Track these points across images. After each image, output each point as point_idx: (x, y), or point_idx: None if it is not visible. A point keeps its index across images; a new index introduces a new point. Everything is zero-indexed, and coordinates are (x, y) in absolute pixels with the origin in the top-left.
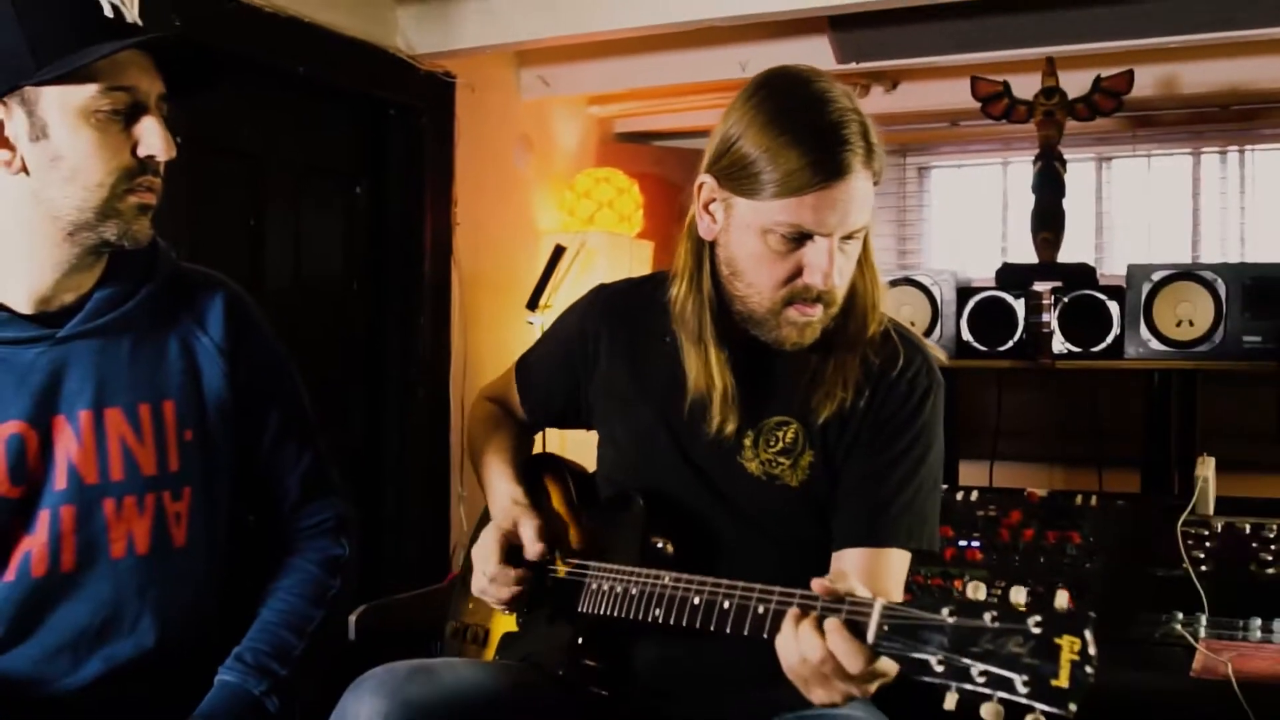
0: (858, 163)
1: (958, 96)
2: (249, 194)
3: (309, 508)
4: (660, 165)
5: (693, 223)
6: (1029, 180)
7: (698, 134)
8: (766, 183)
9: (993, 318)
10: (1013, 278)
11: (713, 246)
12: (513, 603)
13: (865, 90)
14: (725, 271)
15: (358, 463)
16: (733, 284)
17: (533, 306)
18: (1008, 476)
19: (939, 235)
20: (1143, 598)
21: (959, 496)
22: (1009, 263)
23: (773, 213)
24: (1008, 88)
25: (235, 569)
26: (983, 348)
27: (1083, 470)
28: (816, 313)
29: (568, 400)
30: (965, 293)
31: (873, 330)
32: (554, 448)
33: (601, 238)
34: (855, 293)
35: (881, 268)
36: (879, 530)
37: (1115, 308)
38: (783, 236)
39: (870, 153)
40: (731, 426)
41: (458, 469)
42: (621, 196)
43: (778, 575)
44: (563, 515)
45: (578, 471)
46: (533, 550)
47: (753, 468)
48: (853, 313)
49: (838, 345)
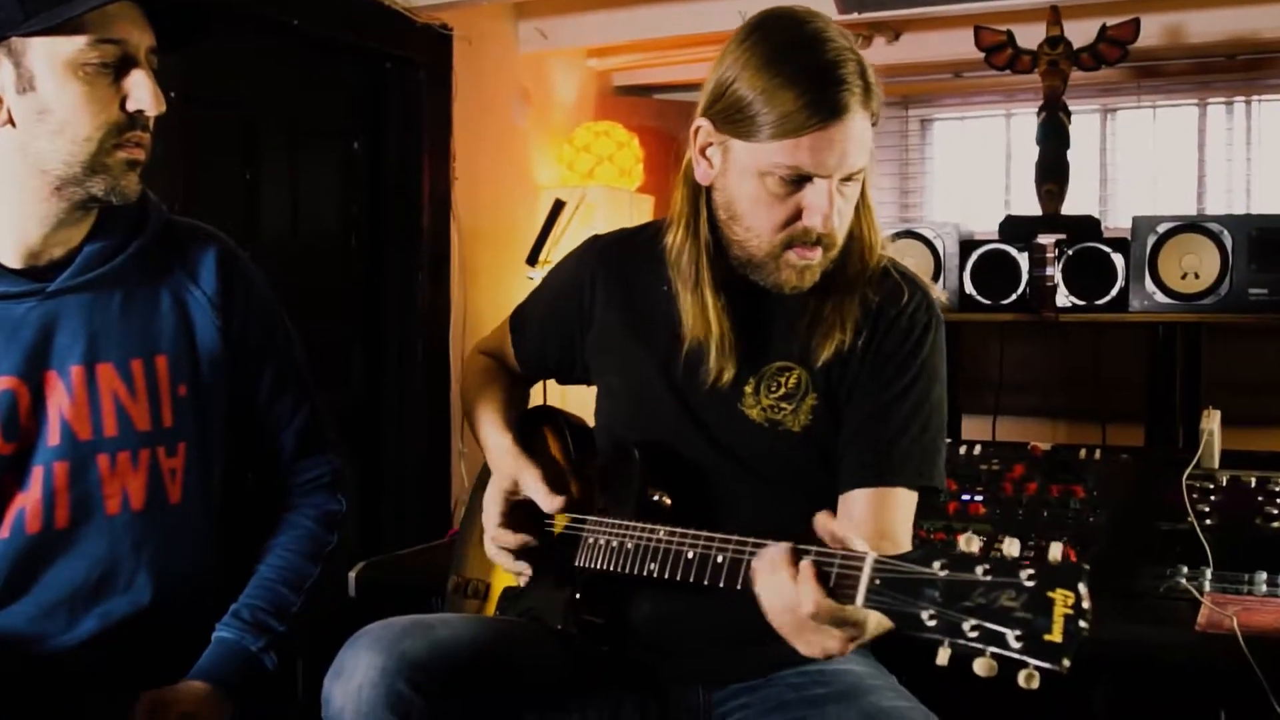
0: (855, 102)
1: (961, 47)
2: (245, 148)
3: (305, 463)
4: (660, 118)
5: (689, 168)
6: (1033, 132)
7: (698, 86)
8: (764, 124)
9: (996, 271)
10: (1016, 230)
11: (709, 191)
12: (519, 563)
13: (868, 41)
14: (723, 216)
15: (357, 419)
16: (731, 228)
17: (533, 262)
18: (1011, 431)
19: (942, 188)
20: (1147, 552)
21: (962, 450)
22: (1012, 215)
23: (770, 155)
24: (1011, 37)
25: (232, 525)
26: (985, 301)
27: (1086, 424)
28: (816, 256)
29: (562, 353)
30: (968, 245)
31: (871, 271)
32: (555, 402)
33: (601, 192)
34: (853, 237)
35: (883, 220)
36: (885, 470)
37: (1120, 260)
38: (781, 179)
39: (868, 92)
40: (729, 374)
41: (458, 424)
42: (621, 150)
43: (781, 523)
44: (561, 469)
45: (576, 424)
46: (550, 504)
47: (754, 415)
48: (850, 256)
49: (836, 287)
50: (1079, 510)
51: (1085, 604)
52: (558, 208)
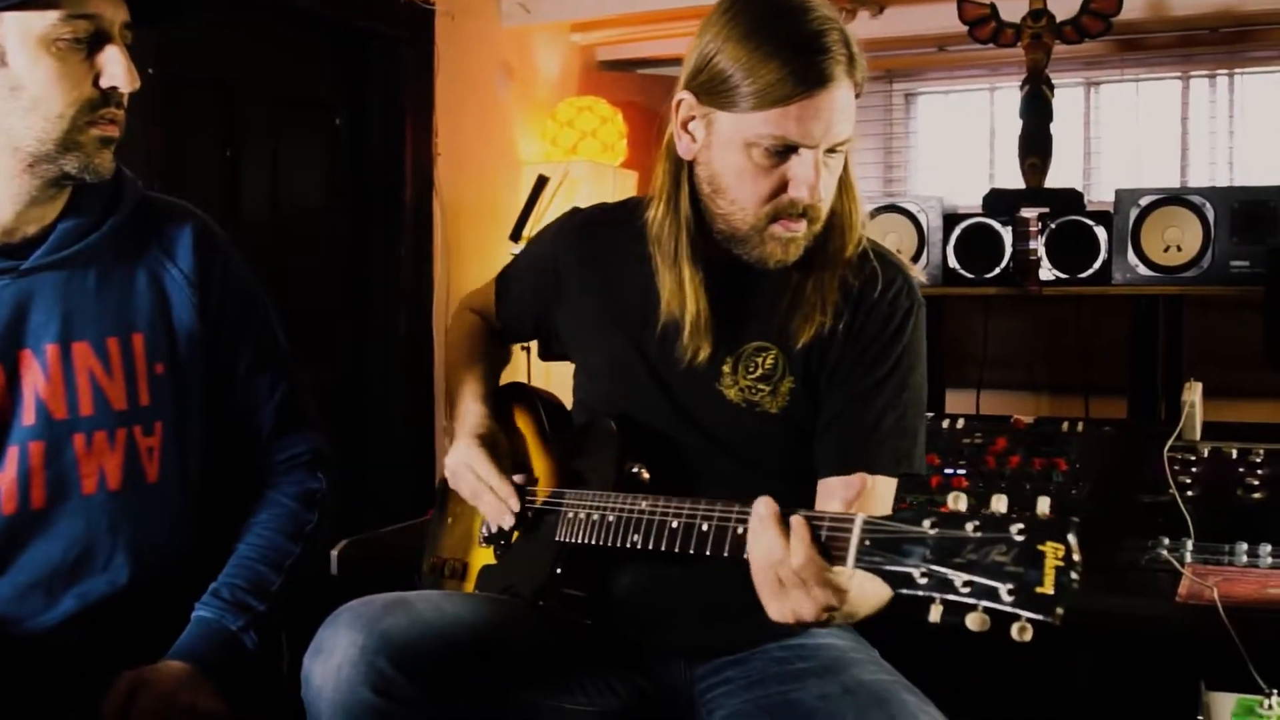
0: (840, 71)
1: (945, 21)
2: (225, 124)
3: (285, 441)
4: (644, 93)
5: (670, 142)
6: (1016, 105)
7: (682, 61)
8: (748, 94)
9: (979, 244)
10: (1000, 204)
11: (691, 166)
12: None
13: (852, 15)
14: (706, 190)
15: (340, 395)
16: (714, 201)
17: (516, 238)
18: (994, 404)
19: (926, 162)
20: (1129, 523)
21: (945, 424)
22: (996, 188)
23: (756, 125)
24: (995, 10)
25: (211, 504)
26: (969, 275)
27: (1070, 397)
28: (801, 228)
29: (538, 323)
30: (952, 219)
31: (851, 251)
32: (539, 381)
33: (585, 167)
34: (835, 213)
35: (868, 194)
36: (865, 457)
37: (1103, 233)
38: (766, 150)
39: (852, 61)
40: (704, 354)
41: (441, 401)
42: (605, 125)
43: None
44: (536, 444)
45: (549, 400)
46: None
47: (732, 395)
48: (832, 232)
49: (817, 266)
50: (1061, 483)
51: (1075, 556)
52: (541, 183)
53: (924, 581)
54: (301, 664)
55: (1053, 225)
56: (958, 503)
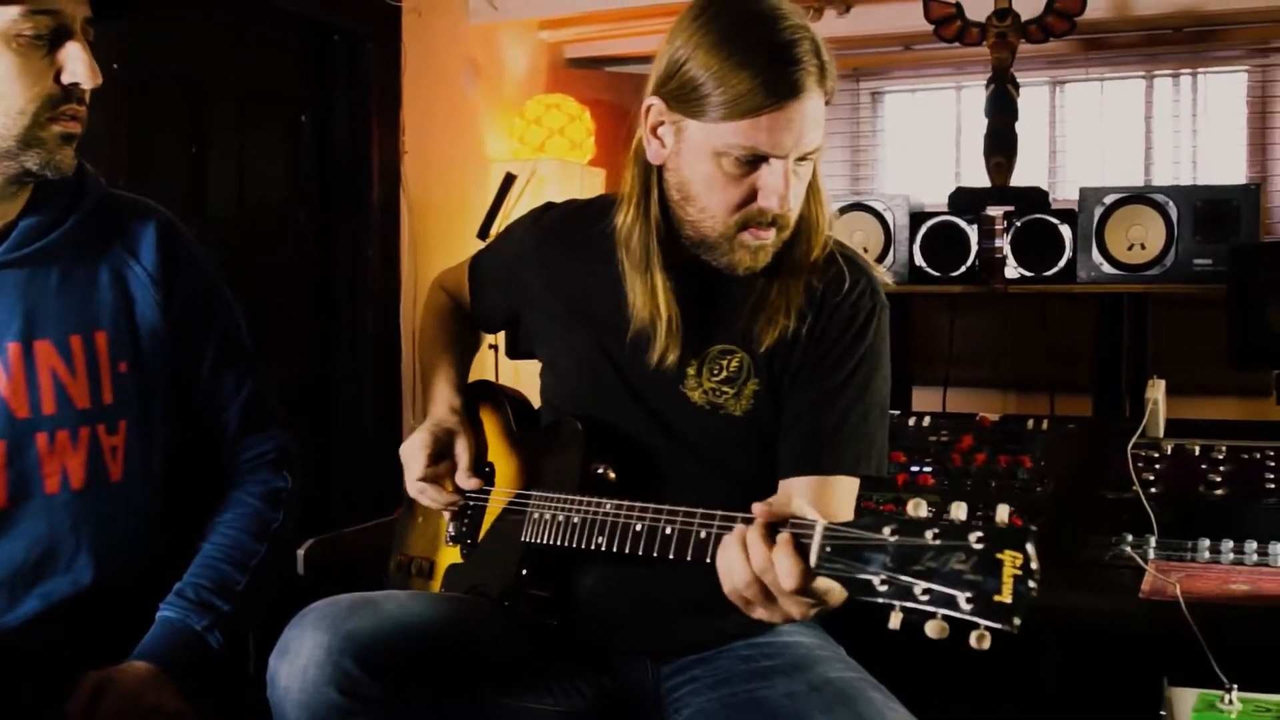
0: (811, 81)
1: (911, 19)
2: (190, 120)
3: (250, 439)
4: (612, 91)
5: (639, 147)
6: (982, 104)
7: (651, 59)
8: (719, 104)
9: (945, 242)
10: (965, 202)
11: (660, 171)
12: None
13: (819, 14)
14: (675, 196)
15: (307, 393)
16: (684, 208)
17: (484, 236)
18: (961, 402)
19: (893, 160)
20: (1093, 520)
21: (911, 422)
22: (962, 187)
23: (725, 135)
24: (960, 9)
25: (175, 503)
26: (935, 273)
27: (1036, 394)
28: (770, 236)
29: (509, 314)
30: (918, 217)
31: (817, 255)
32: (507, 379)
33: (553, 165)
34: (802, 217)
35: (835, 192)
36: (826, 457)
37: (1067, 231)
38: (736, 159)
39: (823, 71)
40: (673, 357)
41: (409, 398)
42: (573, 123)
43: (723, 505)
44: (502, 443)
45: (515, 399)
46: (467, 482)
47: (696, 397)
48: (799, 237)
49: (783, 270)
50: (1026, 480)
51: (1034, 564)
52: (508, 181)
53: (884, 589)
54: (267, 664)
55: (1018, 223)
56: (918, 509)
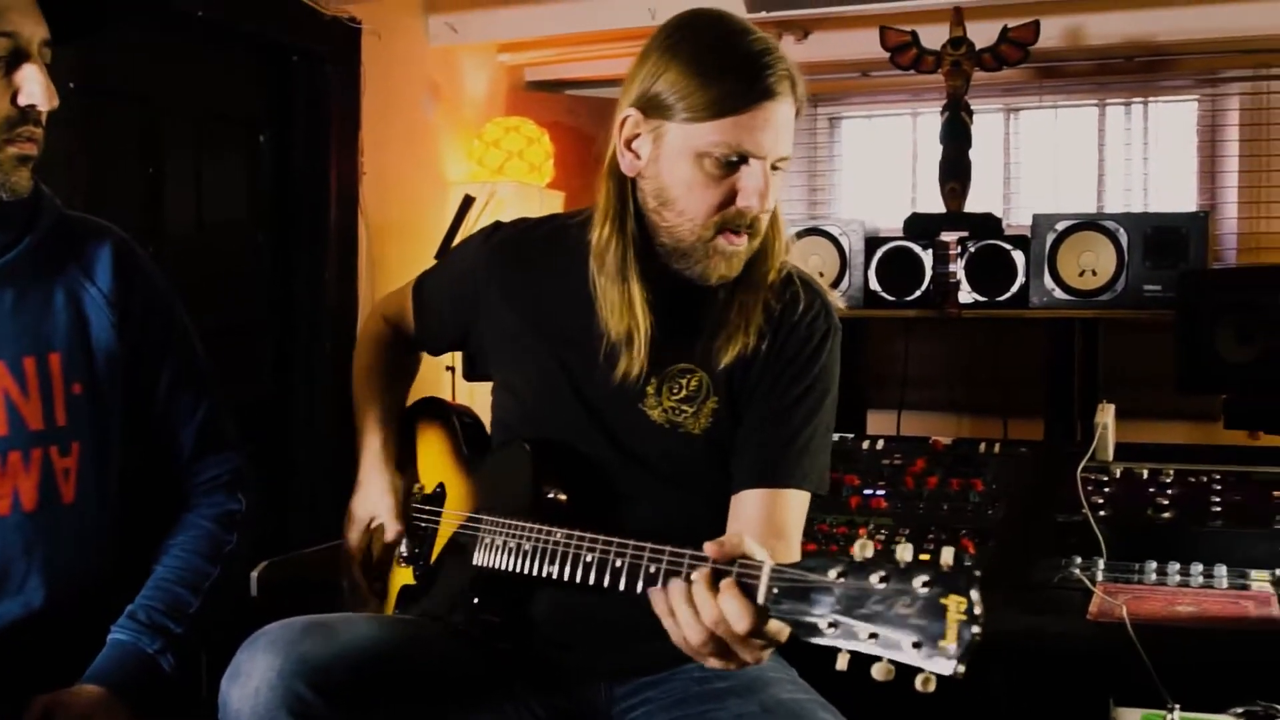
0: (786, 87)
1: (868, 47)
2: (147, 141)
3: (204, 462)
4: (571, 114)
5: (614, 161)
6: (938, 131)
7: (609, 83)
8: (701, 104)
9: (900, 267)
10: (920, 227)
11: (635, 183)
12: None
13: (776, 40)
14: (652, 204)
15: (264, 415)
16: (661, 215)
17: (441, 257)
18: (916, 425)
19: (850, 185)
20: (1043, 543)
21: (865, 445)
22: (917, 212)
23: (708, 134)
24: (916, 38)
25: (129, 526)
26: (890, 297)
27: (989, 418)
28: (744, 243)
29: (459, 333)
30: (873, 242)
31: (774, 276)
32: (462, 398)
33: (511, 188)
34: (761, 240)
35: (792, 216)
36: (780, 472)
37: (1020, 257)
38: (718, 160)
39: (794, 83)
40: (639, 369)
41: None
42: (531, 146)
43: (680, 522)
44: (453, 464)
45: (466, 418)
46: (391, 533)
47: (655, 415)
48: (759, 256)
49: (741, 289)
50: (978, 503)
51: (977, 610)
52: (467, 203)
53: (831, 631)
54: (219, 687)
55: (972, 249)
56: (865, 550)
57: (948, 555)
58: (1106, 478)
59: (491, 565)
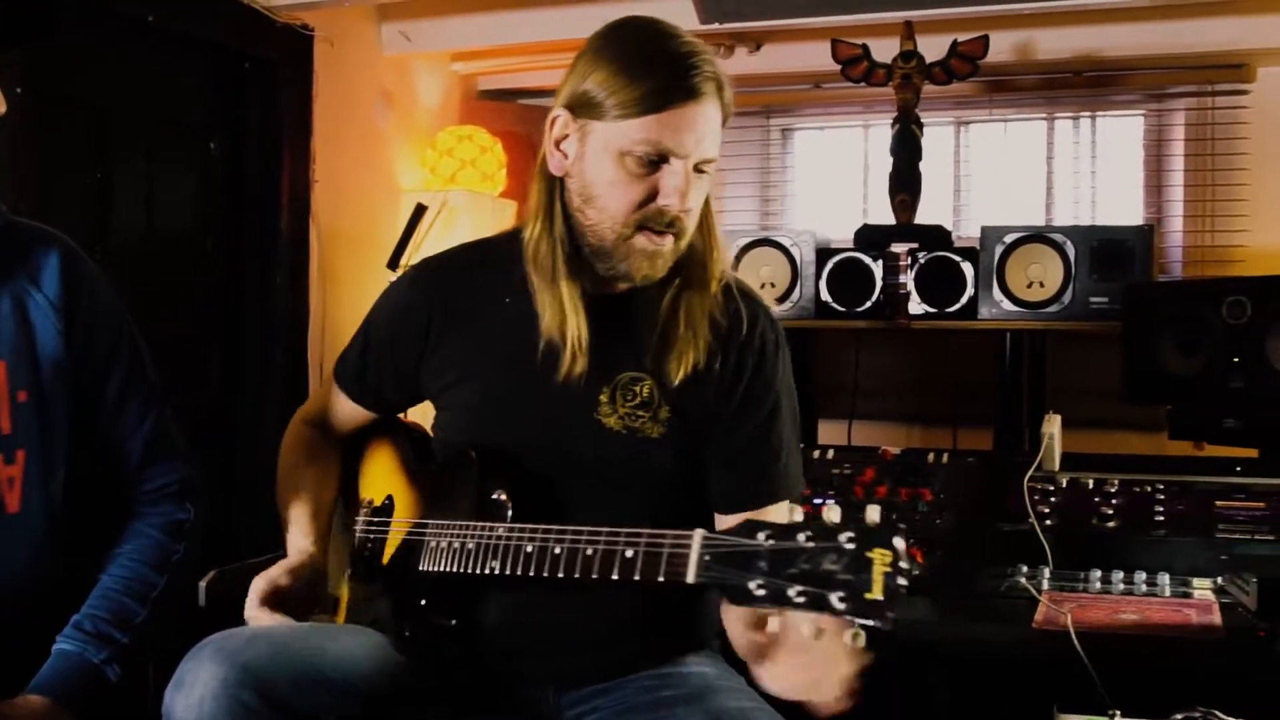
0: (711, 89)
1: (820, 59)
2: (96, 147)
3: (152, 470)
4: (524, 123)
5: (544, 162)
6: (889, 143)
7: None
8: (624, 103)
9: (851, 278)
10: (871, 239)
11: (563, 183)
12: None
13: (729, 51)
14: (577, 202)
15: (214, 424)
16: (584, 213)
17: (393, 266)
18: (866, 435)
19: (801, 196)
20: (990, 552)
21: (816, 455)
22: (867, 224)
23: (630, 132)
24: (867, 51)
25: (75, 535)
26: (841, 308)
27: (939, 428)
28: (666, 243)
29: (401, 383)
30: (824, 253)
31: (715, 286)
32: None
33: (464, 196)
34: (695, 246)
35: (744, 227)
36: (763, 496)
37: (969, 269)
38: (640, 158)
39: (720, 86)
40: (581, 368)
41: None
42: (484, 155)
43: (625, 523)
44: (401, 474)
45: (415, 432)
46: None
47: (612, 423)
48: (694, 265)
49: (683, 299)
50: (926, 513)
51: (903, 561)
52: (419, 212)
53: (761, 593)
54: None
55: (921, 260)
56: (794, 514)
57: (873, 513)
58: (1053, 487)
59: (437, 568)
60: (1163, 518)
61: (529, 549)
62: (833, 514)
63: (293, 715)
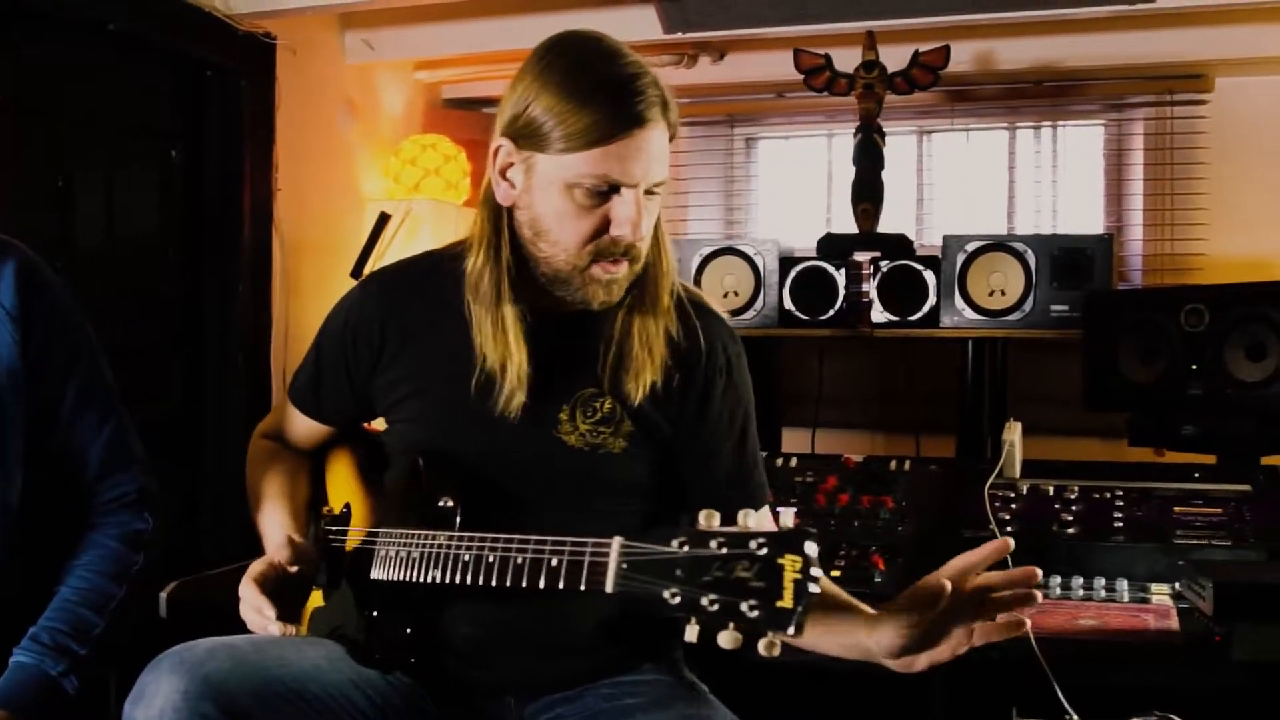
0: (657, 113)
1: (783, 68)
2: (57, 154)
3: (110, 480)
4: (487, 132)
5: (489, 190)
6: (852, 152)
7: None
8: (569, 135)
9: (814, 287)
10: (833, 248)
11: (510, 212)
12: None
13: (693, 60)
14: (527, 234)
15: (176, 433)
16: (536, 245)
17: (357, 275)
18: (830, 443)
19: (765, 205)
20: (951, 558)
21: (779, 463)
22: (831, 233)
23: (577, 165)
24: (829, 60)
25: (32, 545)
26: (804, 316)
27: (902, 435)
28: (621, 269)
29: (355, 398)
30: (788, 262)
31: (667, 300)
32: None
33: (427, 205)
34: (649, 262)
35: (707, 236)
36: (753, 497)
37: (931, 277)
38: (588, 190)
39: (665, 105)
40: (519, 400)
41: None
42: (448, 164)
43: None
44: (356, 483)
45: (370, 439)
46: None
47: (573, 440)
48: (648, 281)
49: (637, 317)
50: (888, 520)
51: (814, 569)
52: (383, 220)
53: (675, 602)
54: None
55: (884, 269)
56: (710, 520)
57: (786, 517)
58: (1014, 494)
59: (389, 577)
60: (1122, 524)
61: (466, 557)
62: (745, 518)
63: None
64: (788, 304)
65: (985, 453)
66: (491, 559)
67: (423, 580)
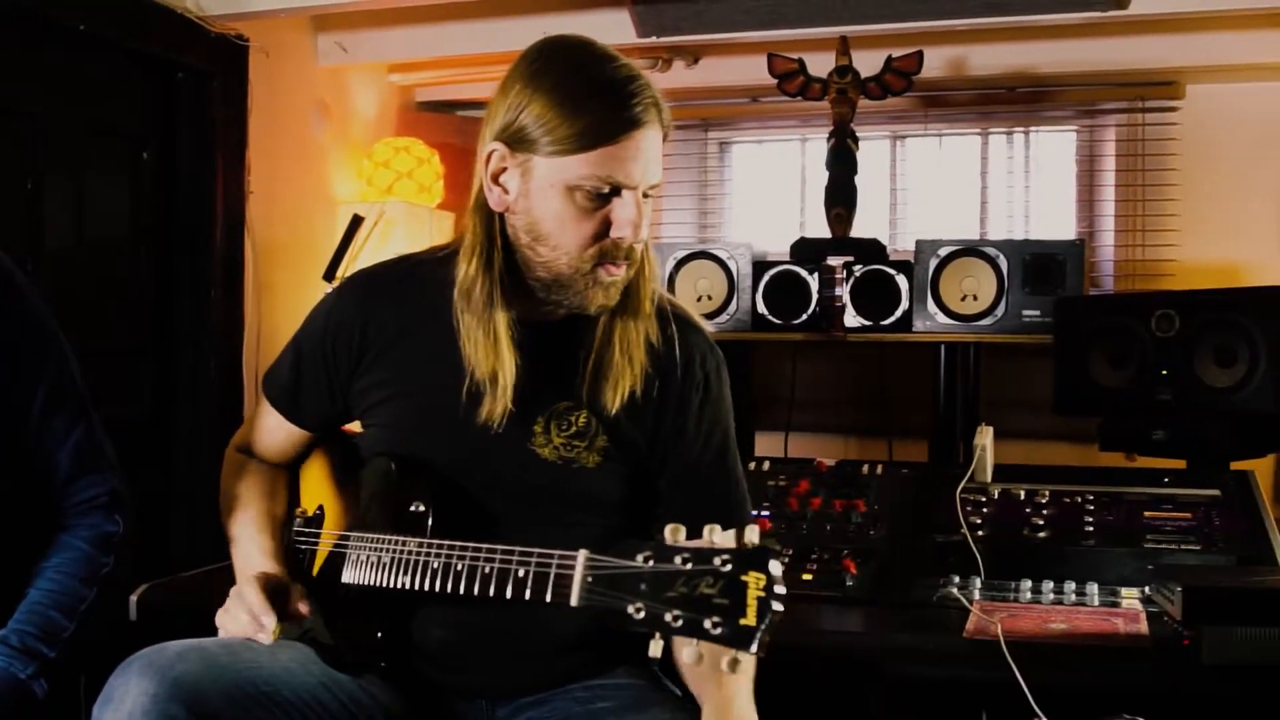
0: (654, 114)
1: (757, 73)
2: (27, 156)
3: (80, 483)
4: (461, 135)
5: (480, 196)
6: (825, 157)
7: None
8: (568, 137)
9: (787, 291)
10: (807, 252)
11: (504, 218)
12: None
13: (667, 64)
14: (525, 239)
15: (147, 435)
16: (535, 250)
17: (329, 277)
18: (803, 447)
19: (740, 209)
20: (923, 562)
21: (752, 467)
22: (804, 237)
23: (578, 167)
24: (803, 65)
25: (1, 548)
26: (777, 320)
27: (875, 440)
28: (622, 272)
29: (334, 400)
30: (761, 266)
31: (649, 308)
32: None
33: (400, 208)
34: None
35: (681, 240)
36: (736, 512)
37: (904, 282)
38: (589, 192)
39: (659, 108)
40: (504, 408)
41: None
42: (421, 166)
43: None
44: (330, 485)
45: (344, 441)
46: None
47: (546, 453)
48: (628, 289)
49: (618, 324)
50: (860, 524)
51: (778, 587)
52: (355, 223)
53: (639, 617)
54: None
55: (857, 273)
56: (676, 535)
57: (752, 534)
58: (985, 498)
59: (358, 582)
60: (1092, 528)
61: (435, 564)
62: (712, 534)
63: None
64: (761, 308)
65: (957, 457)
66: (460, 567)
67: (393, 585)
